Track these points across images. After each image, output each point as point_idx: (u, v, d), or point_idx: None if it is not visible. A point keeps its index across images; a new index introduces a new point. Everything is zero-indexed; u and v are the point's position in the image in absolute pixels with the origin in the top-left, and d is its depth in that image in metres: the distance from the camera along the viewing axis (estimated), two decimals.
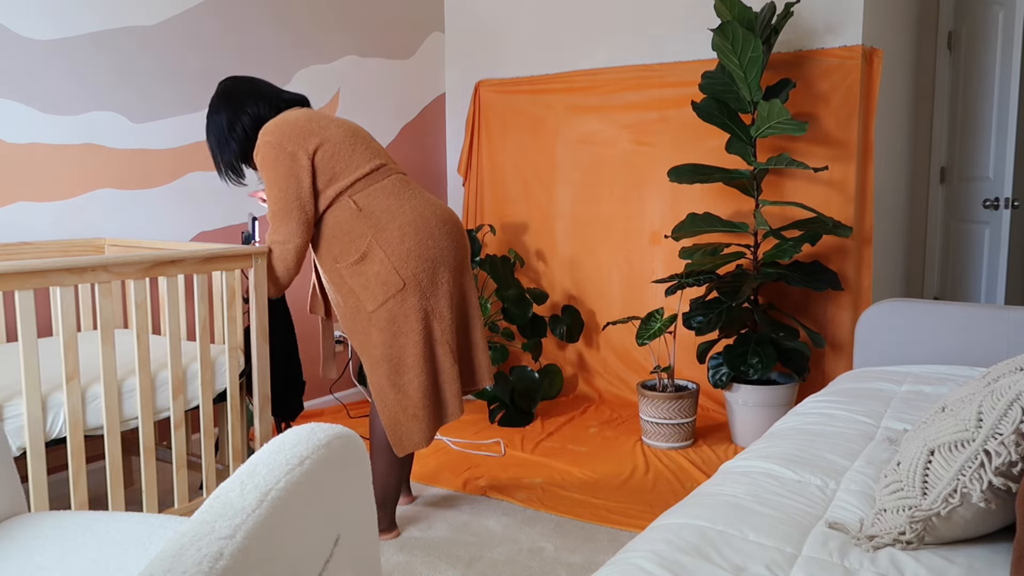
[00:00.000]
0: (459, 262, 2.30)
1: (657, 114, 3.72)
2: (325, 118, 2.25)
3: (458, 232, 2.32)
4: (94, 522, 1.42)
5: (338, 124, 2.25)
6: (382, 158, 2.28)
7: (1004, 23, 3.67)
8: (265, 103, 2.31)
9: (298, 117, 2.22)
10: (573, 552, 2.29)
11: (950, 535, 1.19)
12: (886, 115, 3.65)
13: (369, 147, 2.26)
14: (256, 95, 2.31)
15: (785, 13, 3.06)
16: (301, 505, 0.90)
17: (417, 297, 2.23)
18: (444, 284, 2.26)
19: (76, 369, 2.02)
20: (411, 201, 2.24)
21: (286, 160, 2.15)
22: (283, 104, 2.32)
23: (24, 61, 2.71)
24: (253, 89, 2.32)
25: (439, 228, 2.25)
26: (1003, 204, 3.72)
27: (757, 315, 3.21)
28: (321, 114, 2.27)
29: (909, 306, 2.50)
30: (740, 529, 1.25)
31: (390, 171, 2.27)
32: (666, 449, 3.19)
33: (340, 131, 2.23)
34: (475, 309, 2.40)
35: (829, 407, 1.94)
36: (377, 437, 2.37)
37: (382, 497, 2.36)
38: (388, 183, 2.25)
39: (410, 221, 2.22)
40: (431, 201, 2.29)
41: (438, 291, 2.25)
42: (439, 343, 2.27)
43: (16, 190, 2.71)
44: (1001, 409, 1.14)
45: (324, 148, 2.18)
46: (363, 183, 2.22)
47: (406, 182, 2.29)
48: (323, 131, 2.20)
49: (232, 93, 2.31)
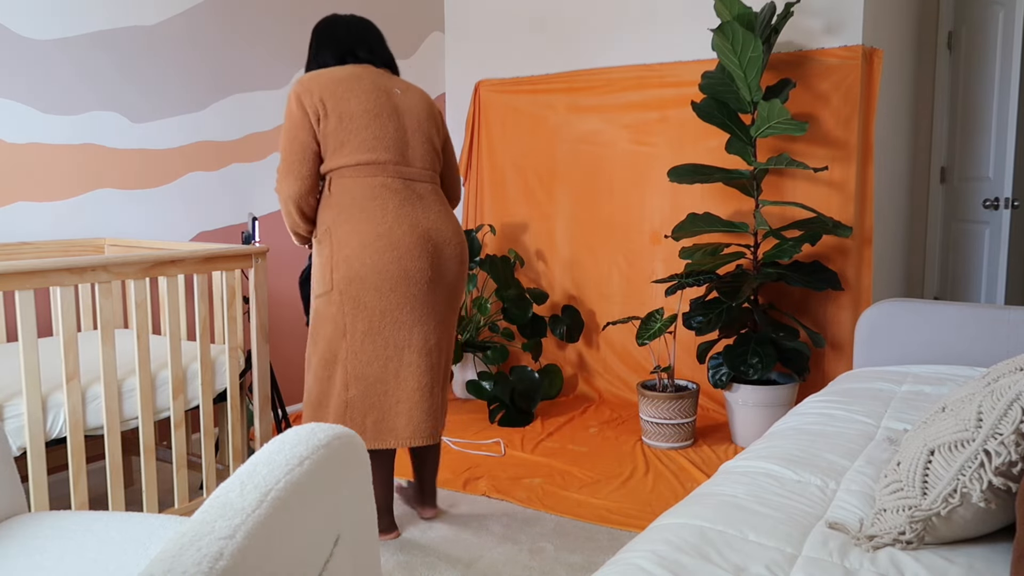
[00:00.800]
0: (415, 294, 2.10)
1: (657, 114, 3.72)
2: (360, 86, 2.10)
3: (432, 266, 2.11)
4: (94, 522, 1.42)
5: (367, 98, 2.09)
6: (389, 154, 2.10)
7: (1004, 23, 3.67)
8: (332, 52, 2.21)
9: (332, 75, 2.10)
10: (573, 552, 2.29)
11: (950, 535, 1.19)
12: (886, 115, 3.65)
13: (382, 138, 2.09)
14: (332, 42, 2.21)
15: (785, 13, 3.06)
16: (301, 505, 0.90)
17: (336, 307, 2.11)
18: (373, 309, 2.09)
19: (76, 369, 2.02)
20: (382, 211, 2.07)
21: (295, 114, 2.08)
22: (349, 59, 2.20)
23: (24, 61, 2.71)
24: (332, 36, 2.22)
25: (397, 251, 2.06)
26: (1003, 204, 3.72)
27: (757, 315, 3.21)
28: (361, 81, 2.11)
29: (909, 306, 2.49)
30: (740, 529, 1.25)
31: (386, 172, 2.10)
32: (666, 449, 3.19)
33: (361, 107, 2.08)
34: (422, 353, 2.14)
35: (829, 407, 1.94)
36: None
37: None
38: (370, 183, 2.09)
39: (365, 229, 2.07)
40: (416, 222, 2.10)
41: (360, 313, 2.10)
42: (340, 363, 2.14)
43: (16, 190, 2.71)
44: (1001, 409, 1.14)
45: (331, 117, 2.07)
46: (349, 171, 2.10)
47: (396, 191, 2.10)
48: (342, 99, 2.07)
49: (317, 34, 2.25)
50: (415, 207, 2.12)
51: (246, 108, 3.41)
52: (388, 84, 2.16)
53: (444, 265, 2.15)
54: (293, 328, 3.69)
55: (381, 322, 2.11)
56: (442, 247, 2.14)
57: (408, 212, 2.10)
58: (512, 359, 4.21)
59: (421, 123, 2.17)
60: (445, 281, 2.17)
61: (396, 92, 2.16)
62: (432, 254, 2.12)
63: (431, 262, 2.12)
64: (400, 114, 2.14)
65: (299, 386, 3.74)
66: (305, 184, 2.11)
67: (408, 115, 2.16)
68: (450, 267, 2.17)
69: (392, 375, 2.16)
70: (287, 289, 3.65)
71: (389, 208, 2.09)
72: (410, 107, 2.17)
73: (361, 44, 2.21)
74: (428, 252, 2.11)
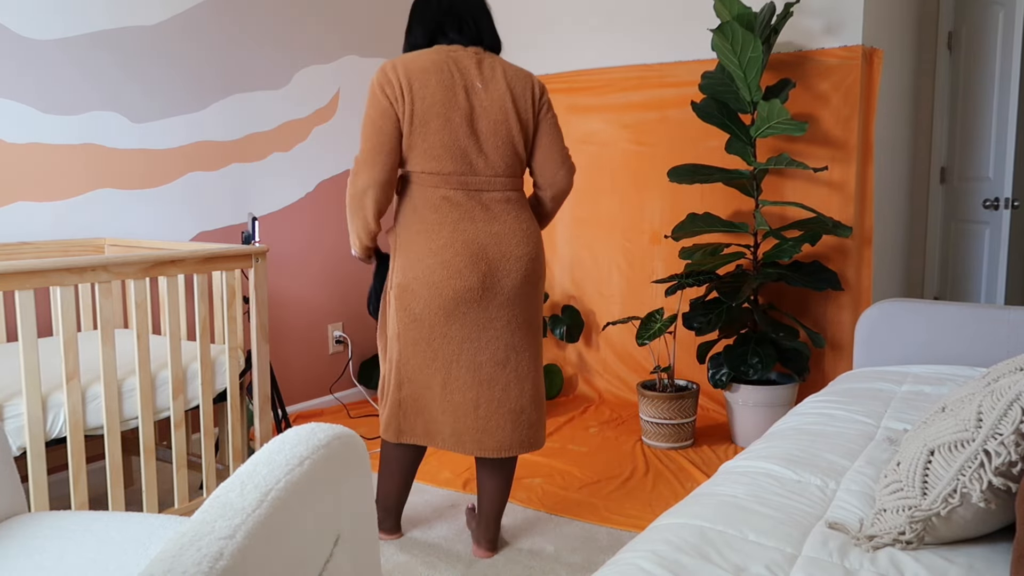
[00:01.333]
0: (465, 312, 2.05)
1: (657, 114, 3.72)
2: (439, 79, 1.98)
3: (483, 285, 2.04)
4: (94, 522, 1.42)
5: (442, 95, 1.98)
6: (454, 164, 2.02)
7: (1004, 23, 3.67)
8: (423, 30, 2.08)
9: (416, 62, 1.98)
10: (573, 552, 2.29)
11: (950, 535, 1.19)
12: (886, 115, 3.65)
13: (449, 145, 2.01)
14: (423, 19, 2.08)
15: (785, 13, 3.06)
16: (301, 505, 0.90)
17: (392, 310, 2.13)
18: (422, 321, 2.07)
19: (76, 369, 2.02)
20: (439, 225, 2.03)
21: (379, 102, 1.99)
22: (439, 38, 2.07)
23: (24, 61, 2.71)
24: (423, 11, 2.09)
25: (448, 269, 2.02)
26: (1003, 204, 3.72)
27: (757, 315, 3.21)
28: (441, 72, 1.99)
29: (909, 306, 2.49)
30: (740, 529, 1.25)
31: (449, 184, 2.03)
32: (666, 449, 3.19)
33: (434, 108, 1.97)
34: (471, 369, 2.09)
35: (829, 407, 1.94)
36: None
37: (379, 497, 2.34)
38: (433, 194, 2.03)
39: (421, 241, 2.04)
40: (472, 239, 2.03)
41: (411, 322, 2.09)
42: (394, 363, 2.15)
43: (16, 190, 2.71)
44: (1001, 409, 1.14)
45: (410, 110, 1.97)
46: (415, 177, 2.05)
47: (457, 205, 2.03)
48: (418, 94, 1.97)
49: (412, 9, 2.13)
50: (476, 221, 2.04)
51: (246, 108, 3.41)
52: (471, 75, 2.02)
53: (500, 282, 2.06)
54: (293, 328, 3.69)
55: (430, 334, 2.08)
56: (499, 263, 2.05)
57: (466, 227, 2.04)
58: None
59: (499, 124, 2.04)
60: (501, 298, 2.07)
61: (477, 87, 2.02)
62: (485, 273, 2.04)
63: (482, 280, 2.05)
64: (475, 117, 2.02)
65: (299, 386, 3.74)
66: (385, 174, 2.01)
67: (484, 117, 2.03)
68: (506, 283, 2.07)
69: (440, 386, 2.12)
70: (287, 289, 3.65)
71: (447, 222, 2.03)
72: (488, 106, 2.03)
73: (451, 19, 2.05)
74: (480, 271, 2.04)
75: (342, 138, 3.86)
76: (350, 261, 3.95)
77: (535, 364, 2.18)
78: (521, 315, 2.12)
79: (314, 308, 3.79)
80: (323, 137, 3.76)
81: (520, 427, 2.14)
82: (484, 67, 2.05)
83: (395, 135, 2.00)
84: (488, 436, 2.12)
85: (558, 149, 2.16)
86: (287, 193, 3.61)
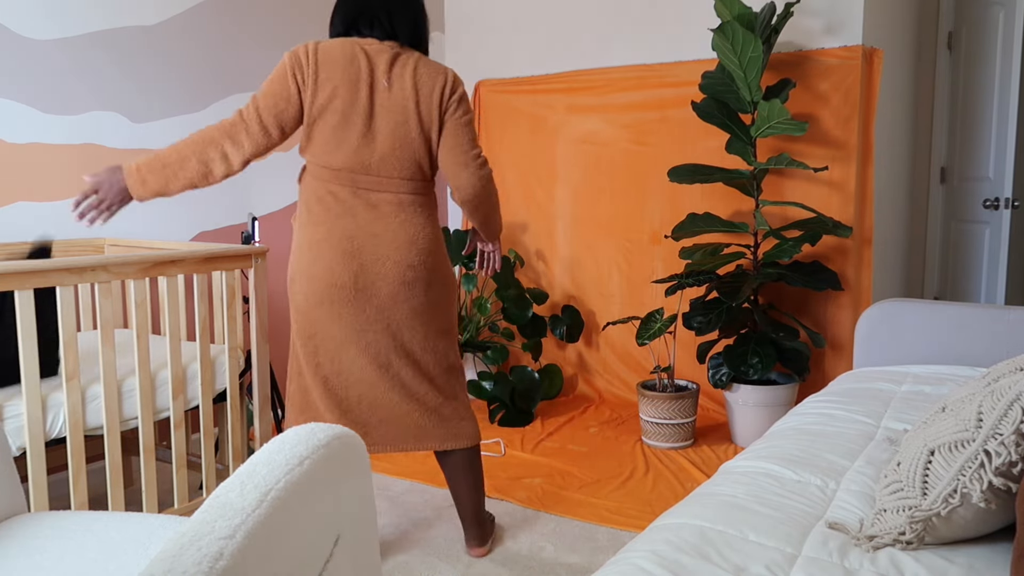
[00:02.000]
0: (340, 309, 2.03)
1: (657, 114, 3.72)
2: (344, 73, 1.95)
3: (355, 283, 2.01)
4: (94, 522, 1.42)
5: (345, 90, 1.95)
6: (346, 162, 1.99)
7: (1004, 23, 3.67)
8: (341, 20, 2.05)
9: (328, 51, 1.96)
10: (573, 552, 2.29)
11: (950, 535, 1.19)
12: (886, 115, 3.65)
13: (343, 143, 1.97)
14: (341, 12, 2.05)
15: (785, 13, 3.06)
16: (301, 505, 0.90)
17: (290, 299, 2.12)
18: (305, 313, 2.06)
19: (76, 369, 2.02)
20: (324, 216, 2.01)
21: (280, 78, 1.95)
22: (354, 33, 2.03)
23: (24, 61, 2.71)
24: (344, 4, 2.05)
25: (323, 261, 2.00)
26: (1003, 204, 3.72)
27: (757, 315, 3.21)
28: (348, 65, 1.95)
29: (909, 306, 2.49)
30: (740, 529, 1.25)
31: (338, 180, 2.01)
32: (666, 449, 3.19)
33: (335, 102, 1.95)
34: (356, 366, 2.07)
35: (829, 407, 1.94)
36: None
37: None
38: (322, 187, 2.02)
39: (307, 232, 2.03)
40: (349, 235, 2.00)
41: (296, 314, 2.09)
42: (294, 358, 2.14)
43: (16, 190, 2.71)
44: (1001, 409, 1.14)
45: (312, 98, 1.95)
46: (311, 168, 2.03)
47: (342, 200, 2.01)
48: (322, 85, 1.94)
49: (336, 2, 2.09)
50: (357, 220, 2.01)
51: None
52: (379, 72, 1.97)
53: (374, 284, 2.02)
54: None
55: (312, 328, 2.07)
56: (372, 265, 2.01)
57: (345, 224, 2.00)
58: (512, 359, 4.21)
59: (398, 125, 1.98)
60: (376, 302, 2.03)
61: (382, 84, 1.97)
62: (356, 272, 2.01)
63: (354, 280, 2.01)
64: (374, 115, 1.97)
65: None
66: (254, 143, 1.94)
67: (384, 116, 1.98)
68: (381, 286, 2.02)
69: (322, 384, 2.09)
70: (287, 289, 3.65)
71: (328, 218, 2.01)
72: (390, 105, 1.97)
73: (365, 14, 2.01)
74: (352, 270, 2.01)
75: None
76: None
77: (424, 371, 2.12)
78: (404, 320, 2.06)
79: None
80: None
81: (406, 427, 2.12)
82: (396, 64, 1.99)
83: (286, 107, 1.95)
84: (369, 432, 2.11)
85: (461, 151, 2.04)
86: (287, 193, 3.61)
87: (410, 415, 2.11)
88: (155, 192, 1.93)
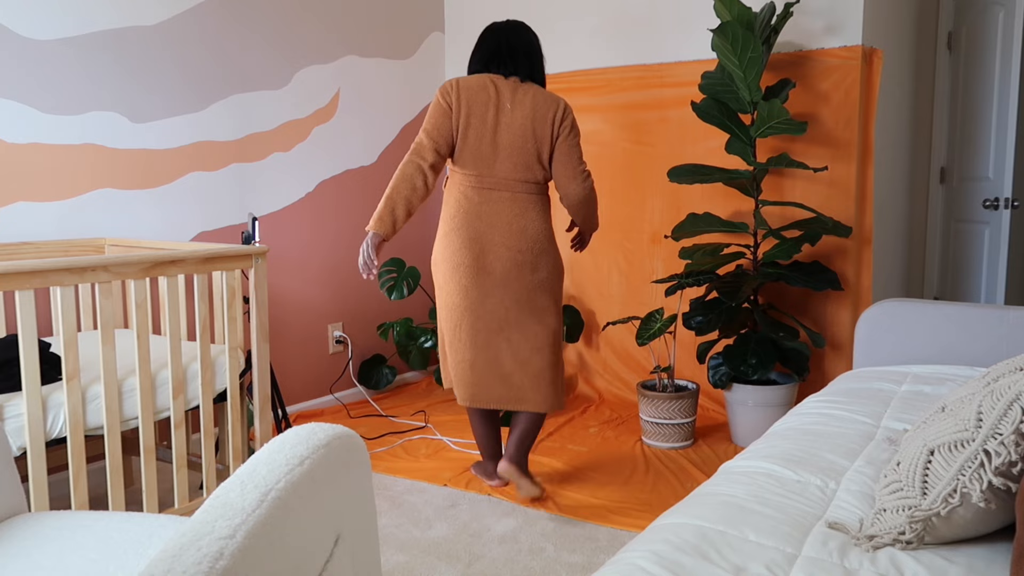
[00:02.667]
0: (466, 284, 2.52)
1: (657, 114, 3.72)
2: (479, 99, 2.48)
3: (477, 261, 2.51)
4: (94, 522, 1.42)
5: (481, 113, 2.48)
6: (477, 169, 2.50)
7: (1004, 23, 3.67)
8: (479, 59, 2.60)
9: (468, 83, 2.51)
10: (573, 552, 2.29)
11: (950, 535, 1.19)
12: (886, 115, 3.65)
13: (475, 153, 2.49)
14: (478, 51, 2.61)
15: (785, 13, 3.06)
16: (301, 505, 0.90)
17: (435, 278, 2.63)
18: (442, 288, 2.58)
19: (76, 369, 2.02)
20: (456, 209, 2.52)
21: (438, 104, 2.49)
22: (490, 67, 2.57)
23: (24, 61, 2.71)
24: (480, 46, 2.61)
25: (453, 247, 2.52)
26: (1003, 204, 3.72)
27: (757, 315, 3.21)
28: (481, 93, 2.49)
29: (909, 306, 2.50)
30: (740, 529, 1.25)
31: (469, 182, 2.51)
32: (666, 449, 3.19)
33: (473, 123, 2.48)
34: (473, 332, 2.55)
35: (829, 407, 1.94)
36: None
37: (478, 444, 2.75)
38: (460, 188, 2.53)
39: (445, 222, 2.55)
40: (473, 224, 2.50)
41: (439, 290, 2.60)
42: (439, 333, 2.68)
43: (16, 190, 2.71)
44: (1001, 409, 1.14)
45: (459, 120, 2.49)
46: (454, 173, 2.55)
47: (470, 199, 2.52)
48: (464, 109, 2.48)
49: (474, 48, 2.64)
50: (480, 215, 2.51)
51: (246, 108, 3.41)
52: (504, 97, 2.51)
53: (491, 264, 2.51)
54: (293, 328, 3.69)
55: (449, 300, 2.56)
56: (490, 249, 2.51)
57: (472, 217, 2.51)
58: None
59: (516, 138, 2.49)
60: (493, 279, 2.52)
61: (506, 108, 2.49)
62: (477, 254, 2.50)
63: (475, 259, 2.50)
64: (498, 131, 2.49)
65: (299, 386, 3.74)
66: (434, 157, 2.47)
67: (507, 132, 2.49)
68: (496, 267, 2.51)
69: (452, 347, 2.59)
70: (287, 289, 3.66)
71: (460, 211, 2.52)
72: (511, 124, 2.49)
73: (495, 57, 2.57)
74: (474, 252, 2.50)
75: (342, 138, 3.86)
76: (350, 261, 3.95)
77: (532, 337, 2.57)
78: (518, 295, 2.54)
79: (314, 308, 3.79)
80: (323, 137, 3.77)
81: (511, 387, 2.57)
82: (518, 93, 2.52)
83: (448, 129, 2.49)
84: (481, 391, 2.58)
85: (571, 167, 2.55)
86: (287, 193, 3.62)
87: (514, 375, 2.57)
88: (392, 224, 2.46)
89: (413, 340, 3.91)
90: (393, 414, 3.72)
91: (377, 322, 4.14)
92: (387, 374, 4.02)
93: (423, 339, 3.88)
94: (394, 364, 4.25)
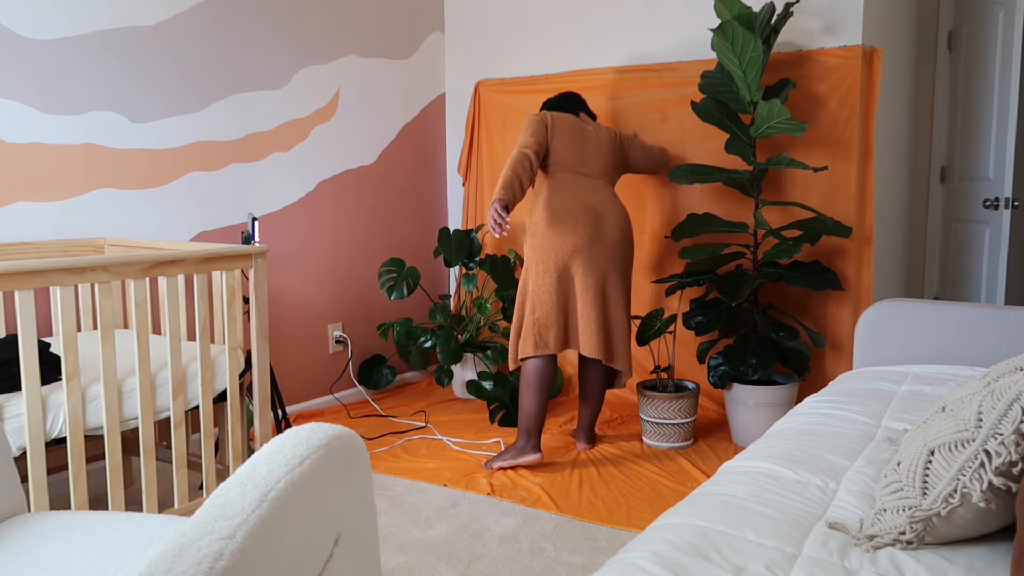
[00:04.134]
0: (580, 247, 2.96)
1: (657, 114, 3.72)
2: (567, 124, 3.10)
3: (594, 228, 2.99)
4: (94, 522, 1.42)
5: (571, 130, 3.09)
6: (573, 163, 3.07)
7: (1004, 23, 3.67)
8: (554, 105, 3.29)
9: (559, 116, 3.11)
10: (573, 552, 2.29)
11: (950, 535, 1.19)
12: (886, 115, 3.65)
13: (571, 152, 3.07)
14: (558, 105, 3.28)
15: (785, 13, 3.06)
16: (301, 505, 0.90)
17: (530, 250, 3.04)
18: (549, 255, 2.97)
19: (76, 369, 2.02)
20: (563, 189, 3.02)
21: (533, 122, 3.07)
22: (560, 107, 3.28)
23: (24, 61, 2.71)
24: (559, 102, 3.28)
25: (567, 216, 2.97)
26: (1003, 204, 3.72)
27: (757, 315, 3.21)
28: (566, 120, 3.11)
29: (909, 306, 2.50)
30: (740, 529, 1.25)
31: (569, 170, 3.06)
32: (666, 449, 3.19)
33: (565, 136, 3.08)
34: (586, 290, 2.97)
35: (829, 407, 1.94)
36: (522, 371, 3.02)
37: (521, 421, 2.97)
38: (562, 175, 3.07)
39: (553, 199, 3.01)
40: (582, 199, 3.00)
41: (542, 257, 2.98)
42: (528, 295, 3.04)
43: (16, 190, 2.71)
44: (1001, 409, 1.14)
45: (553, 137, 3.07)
46: (554, 166, 3.08)
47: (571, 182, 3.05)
48: (557, 129, 3.07)
49: (555, 101, 3.29)
50: (584, 191, 3.02)
51: (246, 108, 3.41)
52: (584, 125, 3.15)
53: (605, 230, 2.99)
54: (293, 328, 3.69)
55: (554, 266, 2.96)
56: (603, 215, 3.00)
57: (577, 193, 3.01)
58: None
59: (597, 147, 3.12)
60: (605, 241, 2.99)
61: (588, 129, 3.13)
62: (593, 220, 2.99)
63: (593, 225, 2.98)
64: (585, 141, 3.10)
65: (299, 386, 3.74)
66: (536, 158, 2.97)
67: (591, 143, 3.11)
68: (609, 232, 3.00)
69: (554, 304, 2.98)
70: (287, 289, 3.65)
71: (567, 190, 3.01)
72: (592, 137, 3.12)
73: (569, 106, 3.25)
74: (591, 218, 2.98)
75: (342, 138, 3.86)
76: (350, 261, 3.95)
77: (618, 299, 3.04)
78: (618, 257, 3.03)
79: (314, 308, 3.79)
80: (323, 137, 3.77)
81: (601, 341, 2.98)
82: (588, 122, 3.19)
83: (543, 140, 3.04)
84: (582, 338, 2.99)
85: (649, 152, 3.41)
86: (287, 193, 3.62)
87: (597, 331, 2.97)
88: (514, 194, 2.86)
89: (413, 340, 3.91)
90: (393, 414, 3.73)
91: (377, 322, 4.14)
92: (387, 374, 4.02)
93: (423, 339, 3.88)
94: (394, 364, 4.25)
